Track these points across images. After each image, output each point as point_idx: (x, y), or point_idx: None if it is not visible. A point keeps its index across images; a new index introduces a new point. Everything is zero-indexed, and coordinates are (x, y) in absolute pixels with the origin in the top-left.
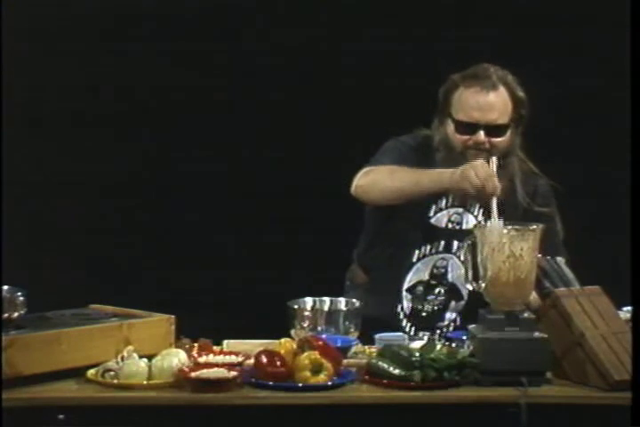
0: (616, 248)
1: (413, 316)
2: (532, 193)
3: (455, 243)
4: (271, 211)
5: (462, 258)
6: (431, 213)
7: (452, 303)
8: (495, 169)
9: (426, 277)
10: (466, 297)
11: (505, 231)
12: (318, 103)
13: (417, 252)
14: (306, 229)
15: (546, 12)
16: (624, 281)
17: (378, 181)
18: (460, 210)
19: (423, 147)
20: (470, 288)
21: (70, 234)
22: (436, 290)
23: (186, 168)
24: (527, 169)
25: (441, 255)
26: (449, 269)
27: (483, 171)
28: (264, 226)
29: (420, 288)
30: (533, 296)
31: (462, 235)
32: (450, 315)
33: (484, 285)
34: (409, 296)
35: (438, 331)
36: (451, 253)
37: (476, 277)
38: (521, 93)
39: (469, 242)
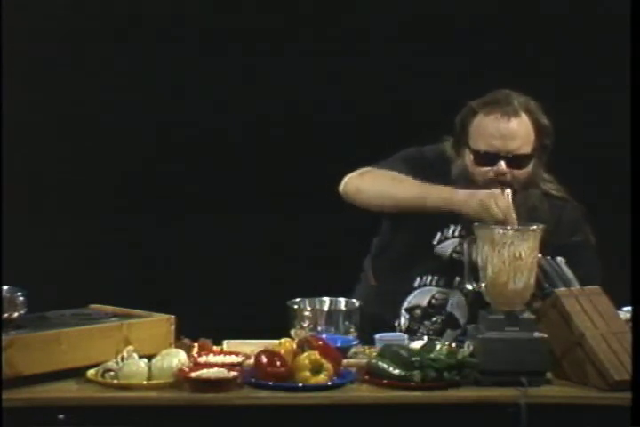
0: (616, 248)
1: (409, 333)
2: (555, 225)
3: (457, 279)
4: (271, 211)
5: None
6: (435, 241)
7: (448, 331)
8: (510, 201)
9: (424, 304)
10: (463, 326)
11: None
12: (326, 103)
13: (418, 279)
14: (306, 228)
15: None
16: (624, 281)
17: (379, 185)
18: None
19: (441, 161)
20: (470, 288)
21: (70, 234)
22: (434, 318)
23: (185, 168)
24: (550, 197)
25: (441, 288)
26: (449, 300)
27: (503, 203)
28: (264, 226)
29: (418, 312)
30: None
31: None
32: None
33: (483, 285)
34: (407, 315)
35: None
36: (451, 287)
37: (476, 277)
38: (545, 121)
39: (469, 241)
